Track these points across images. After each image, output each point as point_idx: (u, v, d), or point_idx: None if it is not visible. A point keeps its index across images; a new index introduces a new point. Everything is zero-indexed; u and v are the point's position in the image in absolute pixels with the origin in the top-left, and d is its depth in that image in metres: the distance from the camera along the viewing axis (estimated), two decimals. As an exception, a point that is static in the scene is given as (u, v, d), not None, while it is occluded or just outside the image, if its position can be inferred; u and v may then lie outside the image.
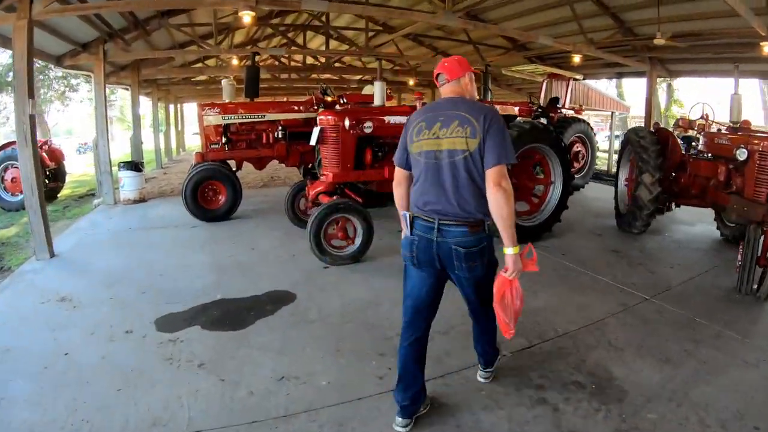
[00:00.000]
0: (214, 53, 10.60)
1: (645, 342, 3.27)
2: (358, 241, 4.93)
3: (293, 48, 12.01)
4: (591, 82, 17.88)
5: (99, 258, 5.29)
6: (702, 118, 5.99)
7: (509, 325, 2.24)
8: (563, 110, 10.09)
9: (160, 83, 15.12)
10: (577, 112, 10.42)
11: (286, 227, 6.27)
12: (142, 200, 8.51)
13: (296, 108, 7.67)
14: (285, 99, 13.71)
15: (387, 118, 5.46)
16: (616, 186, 6.77)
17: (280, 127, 7.36)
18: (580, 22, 8.49)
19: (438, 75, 2.33)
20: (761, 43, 6.89)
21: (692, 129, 6.04)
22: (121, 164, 8.41)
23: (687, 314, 3.69)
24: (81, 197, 11.03)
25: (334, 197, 5.08)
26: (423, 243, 2.20)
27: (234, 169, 7.25)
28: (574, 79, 10.69)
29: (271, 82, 15.52)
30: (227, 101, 7.73)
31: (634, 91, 23.36)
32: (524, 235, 4.30)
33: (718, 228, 6.00)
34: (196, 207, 6.57)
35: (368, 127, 5.26)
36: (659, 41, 7.25)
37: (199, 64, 13.46)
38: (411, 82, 14.66)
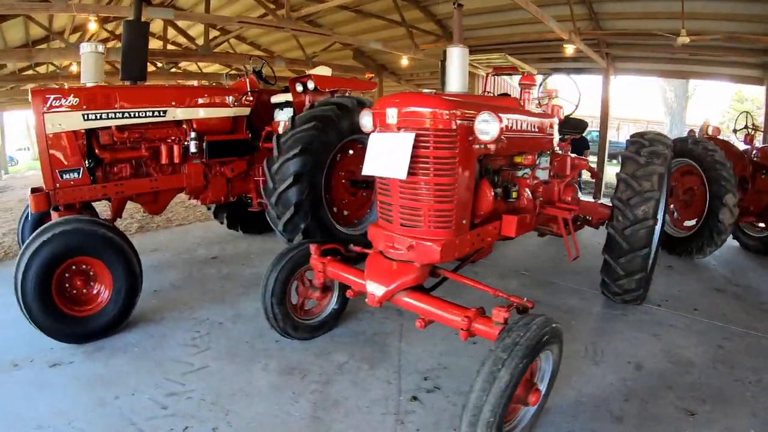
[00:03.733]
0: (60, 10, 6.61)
1: None
2: None
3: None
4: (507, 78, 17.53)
5: None
6: (747, 127, 5.60)
7: None
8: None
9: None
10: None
11: (273, 351, 3.03)
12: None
13: (219, 99, 4.38)
14: (196, 83, 7.44)
15: (520, 119, 2.89)
16: None
17: (192, 134, 4.12)
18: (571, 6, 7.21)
19: None
20: None
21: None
22: None
23: None
24: None
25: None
26: None
27: (106, 217, 3.98)
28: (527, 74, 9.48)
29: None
30: (91, 84, 3.83)
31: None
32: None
33: (736, 238, 5.77)
34: (50, 316, 2.92)
35: (488, 133, 2.32)
36: (683, 39, 6.29)
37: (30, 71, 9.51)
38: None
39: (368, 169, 2.35)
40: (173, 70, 12.04)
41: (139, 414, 2.38)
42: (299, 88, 4.52)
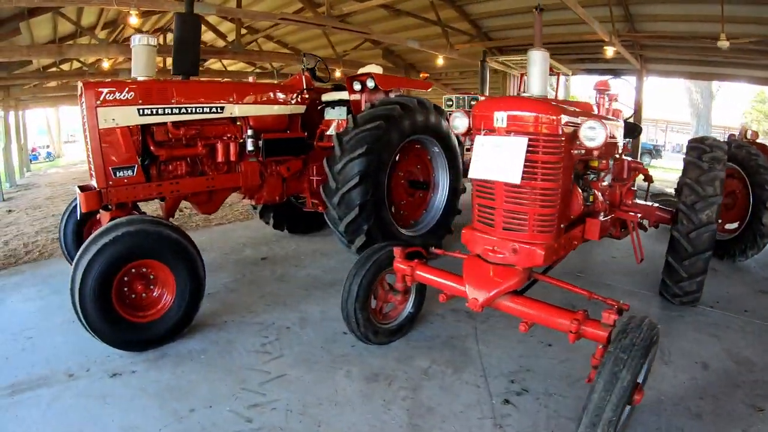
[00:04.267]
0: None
1: None
2: None
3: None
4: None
5: None
6: None
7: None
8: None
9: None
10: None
11: (352, 357, 2.94)
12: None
13: (275, 96, 4.30)
14: (250, 79, 6.84)
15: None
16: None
17: (249, 132, 4.04)
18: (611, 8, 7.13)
19: None
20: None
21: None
22: None
23: None
24: None
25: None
26: None
27: (159, 214, 3.93)
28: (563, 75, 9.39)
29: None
30: (142, 78, 3.67)
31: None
32: None
33: None
34: (110, 322, 2.79)
35: (594, 140, 2.27)
36: (724, 43, 6.21)
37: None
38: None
39: (476, 172, 2.31)
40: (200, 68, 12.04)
41: (222, 428, 2.26)
42: (357, 86, 4.48)
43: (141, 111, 3.48)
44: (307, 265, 4.71)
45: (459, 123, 2.60)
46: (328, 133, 4.70)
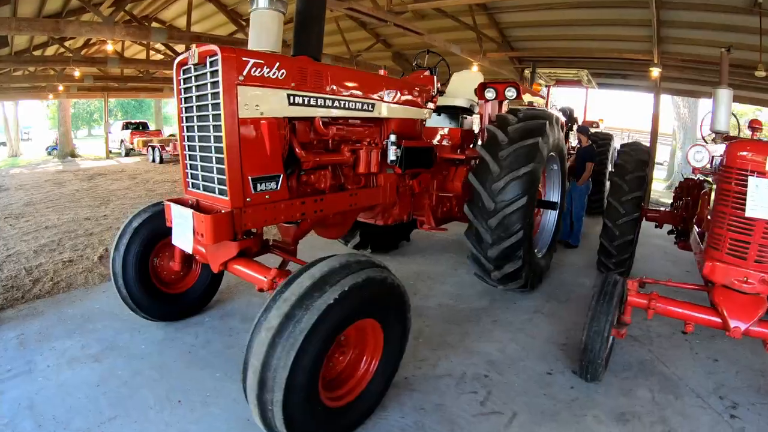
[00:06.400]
0: None
1: None
2: None
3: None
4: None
5: None
6: None
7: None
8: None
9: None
10: (595, 127, 9.24)
11: (582, 399, 2.65)
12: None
13: (415, 97, 3.56)
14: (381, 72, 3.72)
15: None
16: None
17: (392, 137, 3.29)
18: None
19: None
20: None
21: None
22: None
23: None
24: None
25: None
26: None
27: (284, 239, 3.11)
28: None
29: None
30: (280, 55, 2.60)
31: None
32: None
33: None
34: (316, 419, 1.99)
35: None
36: (761, 73, 6.51)
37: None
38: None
39: (755, 212, 2.39)
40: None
41: None
42: (490, 94, 4.05)
43: (291, 99, 2.55)
44: (428, 293, 4.17)
45: (701, 157, 2.85)
46: (442, 143, 4.26)
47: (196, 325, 3.38)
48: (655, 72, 7.85)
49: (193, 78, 2.46)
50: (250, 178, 2.41)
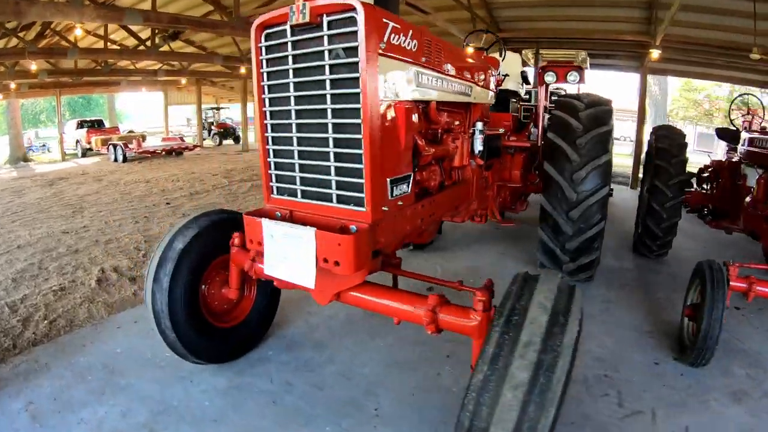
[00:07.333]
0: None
1: None
2: None
3: None
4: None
5: None
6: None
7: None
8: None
9: None
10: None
11: None
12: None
13: (488, 76, 3.15)
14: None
15: None
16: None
17: (479, 125, 2.90)
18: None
19: None
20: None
21: None
22: None
23: None
24: None
25: None
26: None
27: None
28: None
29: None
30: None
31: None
32: None
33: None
34: None
35: None
36: (755, 56, 6.77)
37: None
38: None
39: None
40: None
41: None
42: (550, 77, 3.88)
43: (419, 77, 2.07)
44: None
45: None
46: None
47: (261, 364, 2.74)
48: (655, 54, 7.99)
49: (296, 44, 1.87)
50: (388, 180, 1.95)
